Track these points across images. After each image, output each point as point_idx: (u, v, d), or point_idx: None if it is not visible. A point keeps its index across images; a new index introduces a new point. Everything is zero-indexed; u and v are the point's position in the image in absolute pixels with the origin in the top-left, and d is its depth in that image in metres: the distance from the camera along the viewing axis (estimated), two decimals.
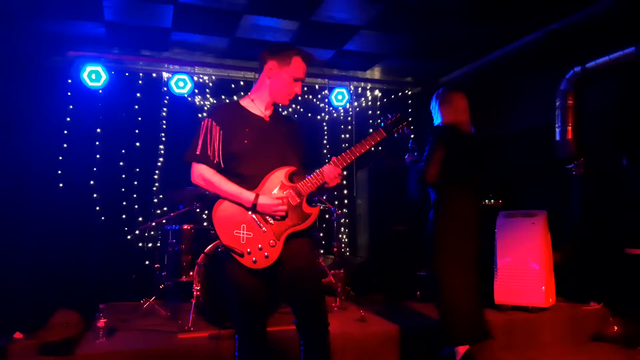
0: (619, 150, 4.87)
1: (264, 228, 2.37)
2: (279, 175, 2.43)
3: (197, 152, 2.44)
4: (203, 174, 2.43)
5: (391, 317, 4.41)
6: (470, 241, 3.48)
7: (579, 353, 4.24)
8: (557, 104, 5.36)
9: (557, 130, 5.37)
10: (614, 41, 4.71)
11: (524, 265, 4.73)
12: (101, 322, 3.74)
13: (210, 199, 5.05)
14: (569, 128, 5.30)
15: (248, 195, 2.35)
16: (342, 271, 5.12)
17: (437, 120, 3.66)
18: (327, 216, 6.43)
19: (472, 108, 3.70)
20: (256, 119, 2.50)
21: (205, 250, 4.40)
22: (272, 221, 2.37)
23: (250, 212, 2.37)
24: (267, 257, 2.34)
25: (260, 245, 2.35)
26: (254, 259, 2.33)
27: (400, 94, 7.37)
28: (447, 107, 3.61)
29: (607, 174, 5.04)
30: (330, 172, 2.45)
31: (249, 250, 2.34)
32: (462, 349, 3.36)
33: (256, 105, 2.54)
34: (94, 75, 5.67)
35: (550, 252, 4.83)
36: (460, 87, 6.58)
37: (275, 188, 2.41)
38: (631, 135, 4.77)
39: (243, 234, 2.35)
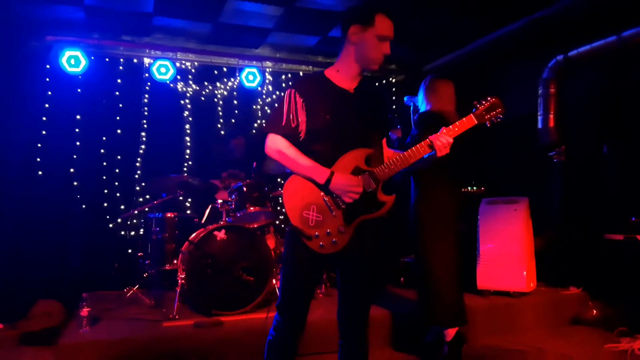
0: (600, 138, 4.95)
1: (334, 213, 2.24)
2: (356, 157, 2.28)
3: (276, 124, 2.30)
4: (278, 145, 2.28)
5: (379, 302, 4.43)
6: (452, 226, 3.54)
7: (559, 336, 4.33)
8: (540, 92, 5.42)
9: (540, 118, 5.43)
10: (596, 30, 4.76)
11: (506, 251, 4.78)
12: (84, 311, 3.69)
13: (195, 187, 5.06)
14: (551, 116, 5.36)
15: (322, 171, 2.22)
16: None
17: (423, 107, 3.68)
18: None
19: (455, 95, 3.72)
20: (341, 92, 2.35)
21: (190, 238, 4.37)
22: (343, 206, 2.25)
23: (322, 193, 2.24)
24: (334, 243, 2.23)
25: (329, 230, 2.23)
26: (321, 243, 2.22)
27: (384, 81, 7.37)
28: (433, 95, 3.63)
29: (588, 161, 5.13)
30: (444, 139, 2.32)
31: (317, 233, 2.22)
32: (452, 331, 3.41)
33: (342, 76, 2.37)
34: (73, 61, 5.54)
35: (532, 238, 4.90)
36: (444, 75, 6.67)
37: (349, 171, 2.26)
38: (611, 123, 4.85)
39: (312, 215, 2.23)
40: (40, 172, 5.67)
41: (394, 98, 7.30)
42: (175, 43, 6.10)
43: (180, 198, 5.19)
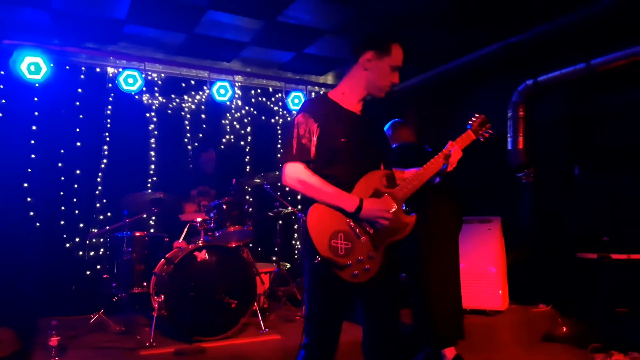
0: (570, 160, 5.16)
1: (361, 238, 2.17)
2: (374, 180, 2.25)
3: (294, 152, 2.20)
4: (299, 174, 2.19)
5: None
6: (452, 239, 3.57)
7: (536, 353, 4.43)
8: (509, 114, 5.60)
9: (509, 140, 5.60)
10: (566, 57, 4.99)
11: (482, 270, 4.86)
12: (53, 340, 3.35)
13: (168, 204, 4.80)
14: (520, 138, 5.54)
15: (351, 199, 2.15)
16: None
17: (394, 143, 3.92)
18: (283, 222, 6.28)
19: (426, 115, 4.01)
20: (349, 114, 2.32)
21: (167, 256, 4.11)
22: (371, 230, 2.18)
23: (347, 219, 2.16)
24: (367, 270, 2.14)
25: (360, 257, 2.14)
26: (355, 272, 2.11)
27: None
28: (397, 136, 3.99)
29: (558, 182, 5.32)
30: (456, 153, 2.34)
31: (349, 262, 2.11)
32: (450, 352, 3.38)
33: (348, 99, 2.34)
34: (33, 67, 5.15)
35: (505, 257, 5.01)
36: (415, 94, 6.78)
37: (370, 194, 2.21)
38: (581, 146, 5.08)
39: (341, 244, 2.12)
40: None
41: None
42: (142, 53, 5.84)
43: (144, 216, 4.90)
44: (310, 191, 2.18)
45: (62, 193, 5.56)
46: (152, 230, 5.80)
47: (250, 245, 5.04)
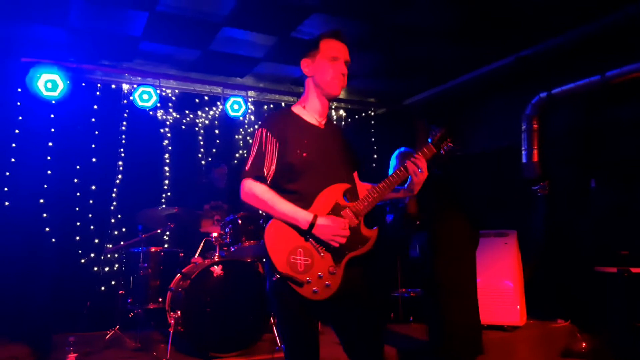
0: (585, 172, 5.12)
1: (322, 253, 2.10)
2: (334, 193, 2.18)
3: (247, 168, 2.18)
4: (254, 190, 2.15)
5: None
6: (468, 252, 3.55)
7: None
8: (523, 127, 5.57)
9: (524, 152, 5.57)
10: (580, 69, 4.97)
11: (499, 284, 4.81)
12: (71, 357, 3.38)
13: (183, 219, 4.81)
14: (535, 151, 5.51)
15: (304, 216, 2.08)
16: None
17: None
18: None
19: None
20: (312, 127, 2.27)
21: (183, 271, 4.11)
22: (330, 247, 2.12)
23: (307, 235, 2.10)
24: (328, 286, 2.07)
25: (320, 273, 2.07)
26: (314, 289, 2.05)
27: (363, 114, 7.40)
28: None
29: (574, 195, 5.27)
30: (419, 160, 2.26)
31: (308, 279, 2.05)
32: None
33: (309, 112, 2.31)
34: (50, 85, 5.21)
35: (522, 271, 4.96)
36: (426, 109, 6.79)
37: (330, 208, 2.16)
38: (597, 158, 5.03)
39: (300, 260, 2.07)
40: (7, 203, 5.22)
41: (372, 131, 7.34)
42: (157, 69, 5.89)
43: (159, 231, 4.91)
44: (264, 207, 2.14)
45: (77, 209, 5.59)
46: (166, 246, 5.82)
47: (264, 260, 5.02)
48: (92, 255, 5.55)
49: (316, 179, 2.18)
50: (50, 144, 5.52)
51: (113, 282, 5.49)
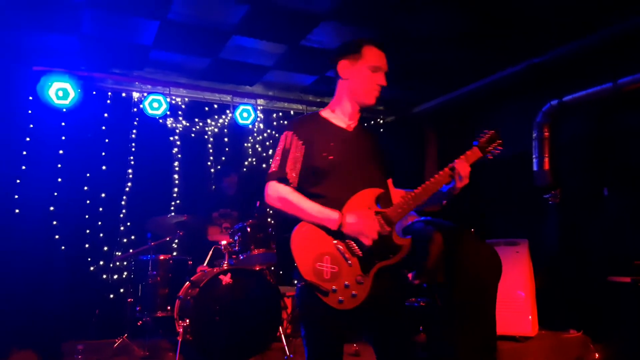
0: (597, 180, 5.06)
1: (350, 261, 2.02)
2: (365, 199, 2.10)
3: (272, 170, 2.14)
4: (280, 192, 2.11)
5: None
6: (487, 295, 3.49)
7: None
8: (534, 135, 5.52)
9: (535, 160, 5.52)
10: (592, 76, 4.92)
11: (510, 294, 4.74)
12: None
13: (192, 227, 4.80)
14: (546, 159, 5.45)
15: (332, 214, 2.02)
16: None
17: None
18: None
19: (447, 138, 3.86)
20: (340, 131, 2.23)
21: (192, 279, 4.09)
22: (359, 252, 2.04)
23: (334, 241, 2.03)
24: (354, 296, 1.99)
25: (347, 282, 2.00)
26: (340, 298, 1.98)
27: (372, 122, 7.39)
28: None
29: (586, 203, 5.21)
30: (462, 166, 2.13)
31: (334, 287, 1.98)
32: None
33: (338, 116, 2.26)
34: (62, 93, 5.25)
35: (533, 281, 4.89)
36: (436, 116, 6.76)
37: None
38: (609, 167, 4.97)
39: (327, 267, 2.00)
40: (17, 210, 5.25)
41: None
42: (167, 78, 5.93)
43: (167, 239, 4.91)
44: (290, 209, 2.09)
45: (87, 216, 5.60)
46: (174, 254, 5.81)
47: (273, 268, 5.00)
48: (102, 263, 5.55)
49: (344, 182, 2.12)
50: (60, 151, 5.56)
51: (122, 290, 5.48)
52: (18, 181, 5.31)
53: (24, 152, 5.37)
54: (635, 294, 4.41)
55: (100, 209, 5.68)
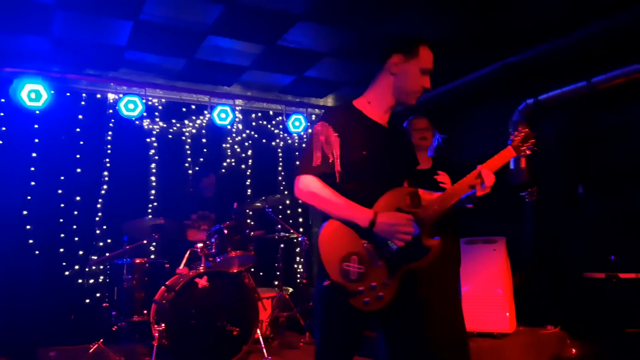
0: (573, 179, 5.12)
1: (378, 262, 1.96)
2: (397, 197, 2.03)
3: (303, 163, 2.06)
4: (310, 187, 2.02)
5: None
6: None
7: None
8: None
9: (511, 159, 5.56)
10: (567, 75, 4.98)
11: (488, 291, 4.76)
12: None
13: (169, 230, 4.75)
14: (522, 158, 5.51)
15: (365, 212, 1.95)
16: (311, 304, 4.91)
17: None
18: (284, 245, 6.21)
19: None
20: (375, 125, 2.15)
21: (167, 283, 4.04)
22: (388, 254, 1.97)
23: (362, 240, 1.97)
24: (380, 298, 1.93)
25: (373, 284, 1.93)
26: (365, 299, 1.91)
27: None
28: None
29: (560, 201, 5.27)
30: (488, 176, 2.11)
31: (360, 288, 1.91)
32: None
33: (374, 108, 2.18)
34: (34, 95, 5.14)
35: (511, 278, 4.93)
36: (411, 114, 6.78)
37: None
38: (584, 164, 5.04)
39: (354, 267, 1.93)
40: None
41: None
42: (143, 78, 5.85)
43: (145, 242, 4.84)
44: (321, 204, 2.01)
45: (61, 220, 5.50)
46: (152, 257, 5.74)
47: (252, 270, 4.97)
48: (77, 267, 5.46)
49: (375, 180, 2.06)
50: (34, 154, 5.45)
51: (98, 295, 5.40)
52: None
53: None
54: (610, 290, 4.48)
55: (76, 213, 5.58)
